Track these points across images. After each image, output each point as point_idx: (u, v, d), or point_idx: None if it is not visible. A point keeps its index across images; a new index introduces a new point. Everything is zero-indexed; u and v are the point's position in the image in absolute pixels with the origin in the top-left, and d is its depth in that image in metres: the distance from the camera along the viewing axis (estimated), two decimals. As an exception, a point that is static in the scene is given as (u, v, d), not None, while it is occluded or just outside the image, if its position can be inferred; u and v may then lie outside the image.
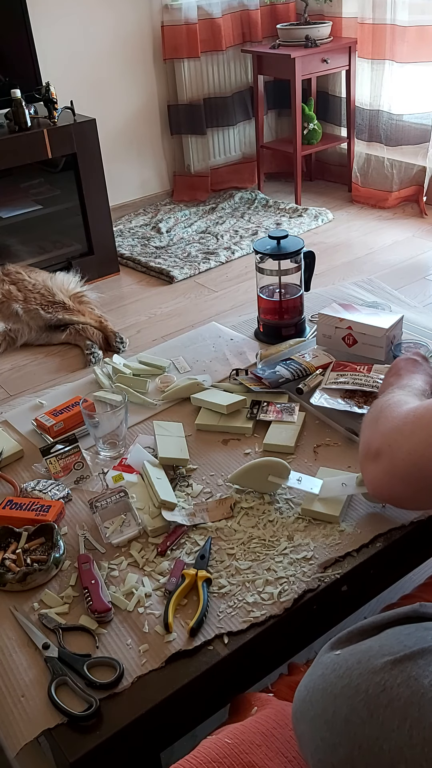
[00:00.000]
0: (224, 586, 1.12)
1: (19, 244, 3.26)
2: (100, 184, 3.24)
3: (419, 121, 3.63)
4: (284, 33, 3.69)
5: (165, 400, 1.59)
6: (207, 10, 3.76)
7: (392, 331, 1.58)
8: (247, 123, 4.15)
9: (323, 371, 1.55)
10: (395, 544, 1.19)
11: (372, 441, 1.02)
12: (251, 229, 3.65)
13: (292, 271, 1.73)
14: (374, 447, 1.01)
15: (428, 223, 3.63)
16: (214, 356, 1.74)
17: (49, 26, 3.39)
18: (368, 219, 3.75)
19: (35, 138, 3.00)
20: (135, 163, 3.98)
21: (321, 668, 0.86)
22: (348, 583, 1.14)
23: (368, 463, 1.02)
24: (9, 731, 0.96)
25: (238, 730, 0.92)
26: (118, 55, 3.71)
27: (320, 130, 3.99)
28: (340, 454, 1.38)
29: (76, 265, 3.20)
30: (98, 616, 1.08)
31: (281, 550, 1.17)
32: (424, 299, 2.89)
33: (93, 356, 2.68)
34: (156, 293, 3.20)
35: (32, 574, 1.15)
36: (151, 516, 1.25)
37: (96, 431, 1.43)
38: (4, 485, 1.40)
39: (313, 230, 3.65)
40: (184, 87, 3.84)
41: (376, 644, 0.83)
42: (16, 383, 2.64)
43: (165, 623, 1.07)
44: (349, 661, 0.83)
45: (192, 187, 4.07)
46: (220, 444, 1.44)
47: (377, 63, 3.62)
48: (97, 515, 1.25)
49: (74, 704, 0.98)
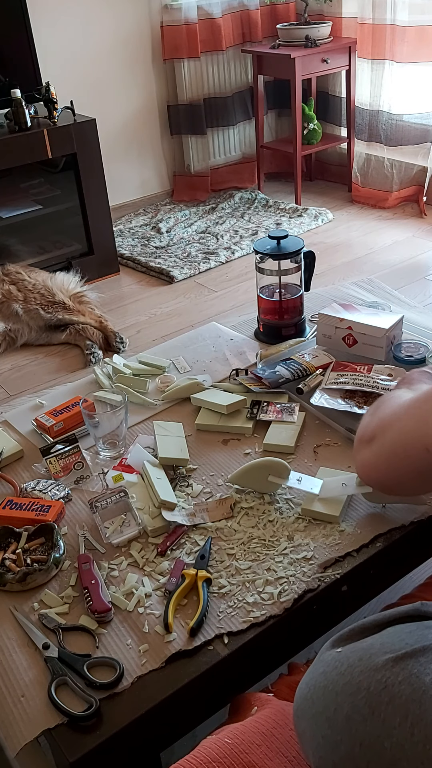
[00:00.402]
0: (224, 586, 1.12)
1: (19, 244, 3.26)
2: (100, 184, 3.24)
3: (419, 121, 3.63)
4: (284, 33, 3.69)
5: (165, 400, 1.59)
6: (207, 10, 3.76)
7: (392, 331, 1.58)
8: (247, 123, 4.15)
9: (323, 371, 1.55)
10: (395, 544, 1.19)
11: (368, 426, 1.01)
12: (251, 229, 3.64)
13: (292, 271, 1.73)
14: (369, 431, 1.00)
15: (428, 223, 3.63)
16: (214, 356, 1.74)
17: (49, 26, 3.39)
18: (368, 219, 3.75)
19: (35, 138, 3.00)
20: (135, 163, 3.97)
21: (322, 666, 0.86)
22: (348, 583, 1.14)
23: (361, 447, 1.01)
24: (9, 731, 0.96)
25: (238, 730, 0.92)
26: (118, 55, 3.71)
27: (320, 130, 3.99)
28: (340, 454, 1.38)
29: (76, 265, 3.20)
30: (98, 616, 1.08)
31: (281, 550, 1.17)
32: (424, 299, 2.89)
33: (93, 356, 2.68)
34: (156, 293, 3.20)
35: (32, 574, 1.15)
36: (151, 516, 1.25)
37: (96, 431, 1.43)
38: (4, 485, 1.40)
39: (313, 230, 3.65)
40: (184, 87, 3.84)
41: (377, 642, 0.83)
42: (16, 383, 2.64)
43: (165, 623, 1.06)
44: (351, 658, 0.83)
45: (192, 187, 4.07)
46: (220, 444, 1.44)
47: (377, 63, 3.62)
48: (97, 515, 1.25)
49: (74, 704, 0.98)
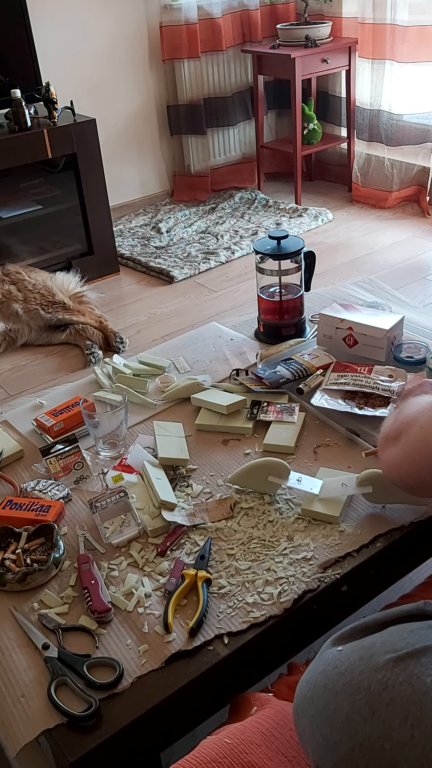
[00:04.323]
0: (224, 586, 1.12)
1: (19, 244, 3.26)
2: (100, 184, 3.24)
3: (420, 121, 3.63)
4: (284, 33, 3.69)
5: (165, 400, 1.59)
6: (207, 10, 3.76)
7: (393, 331, 1.58)
8: (247, 123, 4.15)
9: (324, 372, 1.55)
10: (395, 544, 1.19)
11: (393, 425, 1.01)
12: (251, 229, 3.64)
13: (292, 271, 1.73)
14: (394, 429, 1.00)
15: (428, 223, 3.63)
16: (214, 356, 1.74)
17: (49, 26, 3.39)
18: (368, 219, 3.75)
19: (35, 138, 3.00)
20: (135, 163, 3.97)
21: (323, 664, 0.85)
22: (348, 583, 1.14)
23: (386, 445, 1.01)
24: (9, 731, 0.96)
25: (238, 730, 0.92)
26: (118, 56, 3.71)
27: (320, 130, 3.98)
28: (340, 455, 1.38)
29: (76, 265, 3.20)
30: (98, 617, 1.08)
31: (281, 551, 1.17)
32: (425, 299, 2.89)
33: (93, 356, 2.68)
34: (156, 293, 3.20)
35: (32, 574, 1.15)
36: (151, 516, 1.25)
37: (96, 431, 1.42)
38: (4, 485, 1.40)
39: (313, 230, 3.64)
40: (184, 87, 3.84)
41: (378, 641, 0.83)
42: (16, 383, 2.64)
43: (165, 623, 1.06)
44: (351, 657, 0.82)
45: (192, 187, 4.07)
46: (220, 444, 1.44)
47: (377, 63, 3.62)
48: (97, 515, 1.25)
49: (74, 704, 0.98)
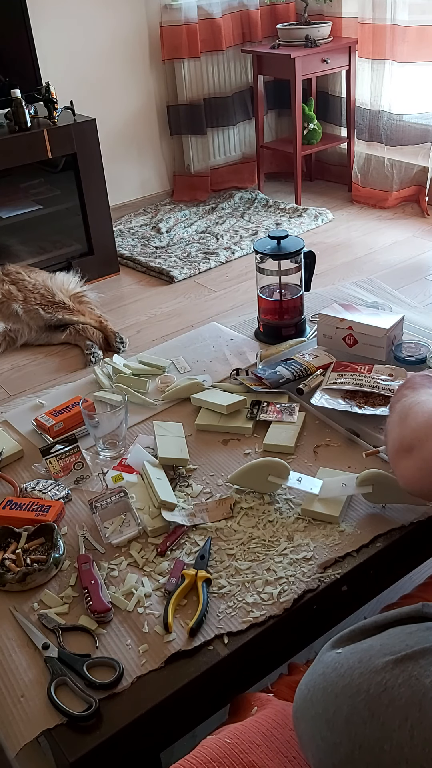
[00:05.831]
0: (224, 586, 1.12)
1: (19, 244, 3.26)
2: (100, 184, 3.24)
3: (420, 121, 3.63)
4: (284, 33, 3.69)
5: (165, 400, 1.59)
6: (207, 10, 3.76)
7: (393, 331, 1.58)
8: (247, 123, 4.15)
9: (324, 371, 1.55)
10: (395, 544, 1.19)
11: (403, 436, 1.01)
12: (251, 229, 3.64)
13: (292, 271, 1.73)
14: (406, 442, 1.00)
15: (428, 223, 3.63)
16: (214, 356, 1.74)
17: (49, 26, 3.39)
18: (368, 219, 3.75)
19: (35, 138, 3.00)
20: (135, 163, 3.97)
21: (322, 667, 0.85)
22: (348, 583, 1.14)
23: (400, 459, 1.01)
24: (9, 731, 0.96)
25: (238, 730, 0.92)
26: (118, 56, 3.71)
27: (320, 130, 3.98)
28: (340, 455, 1.38)
29: (76, 265, 3.20)
30: (98, 617, 1.08)
31: (281, 551, 1.17)
32: (425, 299, 2.89)
33: (93, 356, 2.68)
34: (156, 293, 3.20)
35: (32, 574, 1.15)
36: (151, 516, 1.25)
37: (96, 431, 1.42)
38: (4, 485, 1.40)
39: (313, 230, 3.64)
40: (184, 87, 3.84)
41: (377, 643, 0.83)
42: (16, 383, 2.64)
43: (165, 623, 1.06)
44: (350, 659, 0.82)
45: (192, 187, 4.07)
46: (220, 444, 1.44)
47: (377, 63, 3.62)
48: (97, 515, 1.25)
49: (74, 704, 0.98)
